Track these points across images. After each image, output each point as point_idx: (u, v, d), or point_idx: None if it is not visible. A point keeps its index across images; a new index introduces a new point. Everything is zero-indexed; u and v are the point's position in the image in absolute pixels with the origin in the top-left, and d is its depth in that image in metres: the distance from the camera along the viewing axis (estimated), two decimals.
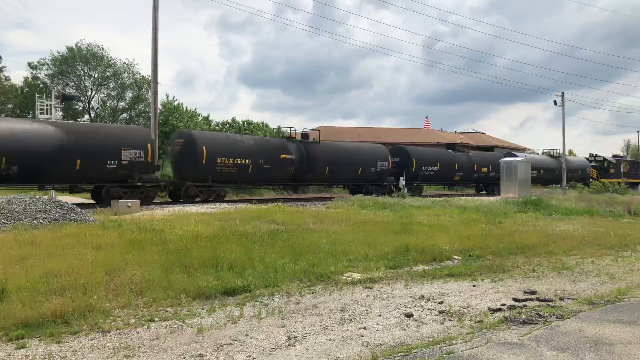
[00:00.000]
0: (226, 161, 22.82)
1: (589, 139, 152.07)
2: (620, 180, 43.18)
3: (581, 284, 7.62)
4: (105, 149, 19.09)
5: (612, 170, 46.26)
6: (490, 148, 46.22)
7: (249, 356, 4.45)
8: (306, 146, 26.78)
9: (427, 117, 59.90)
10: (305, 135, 27.85)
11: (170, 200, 22.29)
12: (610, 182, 37.09)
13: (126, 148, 19.47)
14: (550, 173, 38.92)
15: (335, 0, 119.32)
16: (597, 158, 47.77)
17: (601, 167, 46.26)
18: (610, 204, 21.41)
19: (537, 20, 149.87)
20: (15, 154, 17.08)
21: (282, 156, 25.12)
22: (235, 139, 25.05)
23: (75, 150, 18.32)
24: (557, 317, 5.74)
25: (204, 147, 22.15)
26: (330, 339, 4.93)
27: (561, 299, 6.66)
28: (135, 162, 19.64)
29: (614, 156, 49.47)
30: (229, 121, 39.49)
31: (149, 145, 20.23)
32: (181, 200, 21.64)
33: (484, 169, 35.73)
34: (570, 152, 47.03)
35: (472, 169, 35.07)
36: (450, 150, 35.52)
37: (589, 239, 11.99)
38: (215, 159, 22.41)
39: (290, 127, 27.70)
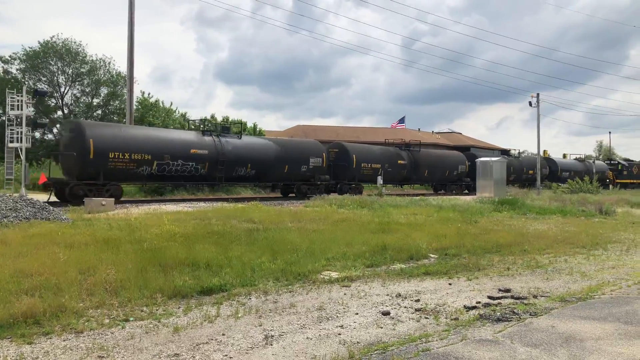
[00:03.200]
0: (367, 165, 30.45)
1: (563, 139, 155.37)
2: (632, 180, 54.37)
3: (554, 281, 7.76)
4: (301, 158, 26.80)
5: (625, 172, 55.14)
6: (466, 148, 46.80)
7: (226, 355, 4.42)
8: (413, 154, 34.41)
9: (393, 124, 58.18)
10: (408, 145, 35.23)
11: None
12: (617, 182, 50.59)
13: (312, 157, 27.27)
14: (579, 175, 45.87)
15: None
16: (612, 162, 57.19)
17: (616, 170, 54.81)
18: (582, 203, 21.84)
19: (516, 20, 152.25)
20: (254, 161, 24.63)
21: (399, 162, 32.88)
22: (370, 149, 32.47)
23: (284, 158, 25.94)
24: (530, 315, 5.84)
25: (354, 156, 29.72)
26: (307, 338, 4.92)
27: (535, 296, 6.78)
28: (316, 166, 27.44)
29: (626, 160, 59.37)
30: (209, 118, 39.21)
31: (324, 154, 28.11)
32: (334, 192, 27.52)
33: (531, 172, 43.13)
34: (607, 155, 57.80)
35: (522, 171, 43.14)
36: (505, 156, 42.84)
37: (562, 238, 12.23)
38: (361, 164, 30.16)
39: (402, 139, 34.25)
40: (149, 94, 39.88)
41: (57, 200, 20.18)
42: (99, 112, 41.50)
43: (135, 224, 11.46)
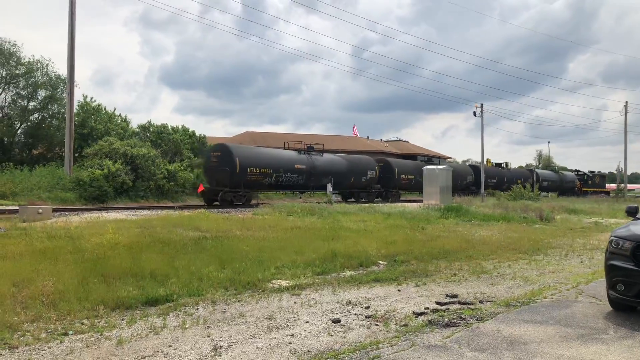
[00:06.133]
0: (405, 177, 37.85)
1: (506, 148, 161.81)
2: (594, 189, 63.06)
3: (499, 287, 7.98)
4: (361, 170, 33.41)
5: (590, 182, 63.64)
6: (413, 156, 47.93)
7: None
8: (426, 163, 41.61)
9: (354, 126, 62.11)
10: (427, 157, 44.11)
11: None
12: (585, 190, 60.78)
13: (369, 170, 33.91)
14: (554, 184, 57.13)
15: (264, 3, 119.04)
16: (579, 173, 65.59)
17: (583, 179, 63.52)
18: (524, 210, 22.68)
19: (463, 31, 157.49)
20: (333, 173, 30.73)
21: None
22: (406, 163, 40.31)
23: (351, 171, 32.54)
24: (477, 319, 5.97)
25: (396, 169, 36.96)
26: (257, 347, 4.83)
27: (481, 301, 6.94)
28: (371, 177, 34.13)
29: (590, 171, 66.83)
30: (146, 124, 38.11)
31: (377, 168, 34.78)
32: (377, 200, 34.75)
33: (519, 181, 49.15)
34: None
35: (512, 180, 49.80)
36: (499, 168, 51.00)
37: (506, 244, 12.63)
38: (401, 176, 37.49)
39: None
40: (91, 98, 38.41)
41: (204, 203, 25.68)
42: (36, 115, 39.59)
43: (75, 233, 10.97)
